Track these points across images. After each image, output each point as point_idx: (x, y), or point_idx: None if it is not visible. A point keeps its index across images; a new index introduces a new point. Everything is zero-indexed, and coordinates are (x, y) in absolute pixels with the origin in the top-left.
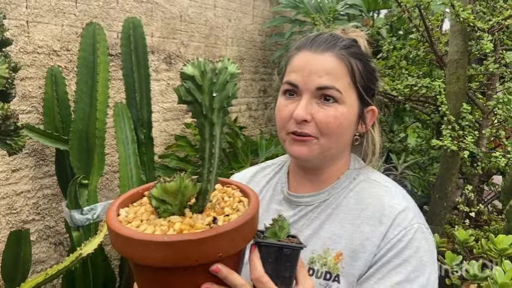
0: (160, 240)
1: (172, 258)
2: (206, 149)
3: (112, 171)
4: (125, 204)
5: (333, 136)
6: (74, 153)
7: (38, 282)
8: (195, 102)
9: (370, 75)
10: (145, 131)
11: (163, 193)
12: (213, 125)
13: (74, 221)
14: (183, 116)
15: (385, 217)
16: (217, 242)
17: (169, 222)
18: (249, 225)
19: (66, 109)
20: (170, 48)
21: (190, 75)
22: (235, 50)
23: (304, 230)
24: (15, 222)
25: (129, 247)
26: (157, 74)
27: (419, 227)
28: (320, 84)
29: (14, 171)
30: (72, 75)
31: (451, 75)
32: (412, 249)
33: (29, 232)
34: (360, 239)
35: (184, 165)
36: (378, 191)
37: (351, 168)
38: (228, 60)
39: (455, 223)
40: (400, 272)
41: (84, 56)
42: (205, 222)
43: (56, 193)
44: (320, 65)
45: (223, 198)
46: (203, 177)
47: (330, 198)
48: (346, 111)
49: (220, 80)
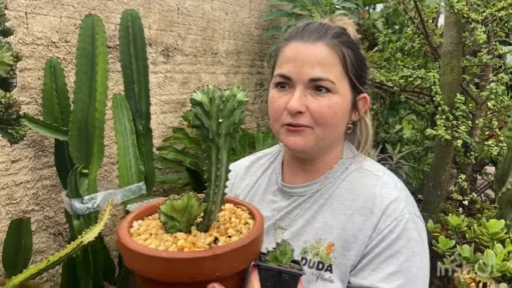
0: (159, 255)
1: (170, 273)
2: (212, 172)
3: (110, 163)
4: (141, 216)
5: (327, 126)
6: (74, 144)
7: (40, 268)
8: (202, 127)
9: (361, 63)
10: (144, 122)
11: (172, 210)
12: (219, 149)
13: (74, 209)
14: (180, 108)
15: (376, 207)
16: (214, 262)
17: (174, 238)
18: (247, 248)
19: (65, 100)
20: (168, 41)
21: (199, 101)
22: (232, 43)
23: (298, 219)
24: (15, 212)
25: (132, 259)
26: (154, 67)
27: (411, 217)
28: (313, 76)
29: (13, 162)
30: (70, 67)
31: (445, 66)
32: (404, 240)
33: (30, 221)
34: (352, 229)
35: (182, 157)
36: (369, 181)
37: (344, 157)
38: (236, 88)
39: (449, 211)
40: (393, 263)
41: (83, 46)
42: (207, 241)
43: (55, 184)
44: (312, 55)
45: (231, 218)
46: (209, 198)
47: (322, 188)
48: (340, 100)
49: (227, 107)
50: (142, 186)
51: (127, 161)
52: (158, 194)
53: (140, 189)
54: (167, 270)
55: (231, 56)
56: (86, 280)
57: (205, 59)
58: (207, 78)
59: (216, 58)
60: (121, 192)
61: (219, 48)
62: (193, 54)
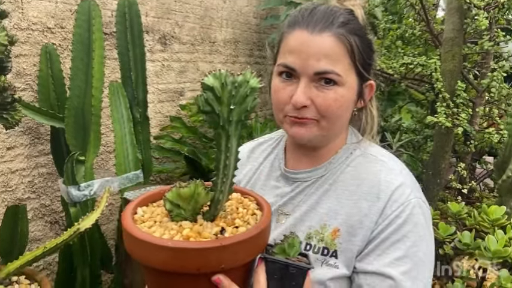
0: (164, 244)
1: (174, 263)
2: (221, 160)
3: (107, 152)
4: (145, 203)
5: (332, 118)
6: (70, 131)
7: (37, 255)
8: (213, 112)
9: (368, 49)
10: (141, 110)
11: (178, 197)
12: (229, 137)
13: (71, 197)
14: (178, 97)
15: (382, 193)
16: (220, 253)
17: (179, 227)
18: (255, 240)
19: (61, 87)
20: (165, 29)
21: (210, 86)
22: (230, 32)
23: (302, 205)
24: (10, 200)
25: (136, 247)
26: (152, 55)
27: (417, 202)
28: (319, 69)
29: (8, 149)
30: (66, 53)
31: (447, 53)
32: (411, 225)
33: (26, 208)
34: (357, 214)
35: (180, 147)
36: (374, 166)
37: (349, 142)
38: (249, 74)
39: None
40: (399, 248)
41: (79, 32)
42: (213, 231)
43: (51, 172)
44: (318, 48)
45: (238, 208)
46: (216, 187)
47: (327, 173)
48: (346, 92)
49: (240, 93)
50: (139, 174)
51: (124, 149)
52: (155, 183)
53: (137, 177)
54: (172, 260)
55: (228, 45)
56: (82, 268)
57: (203, 48)
58: (205, 68)
59: (214, 47)
60: (118, 180)
61: (216, 37)
62: (191, 43)
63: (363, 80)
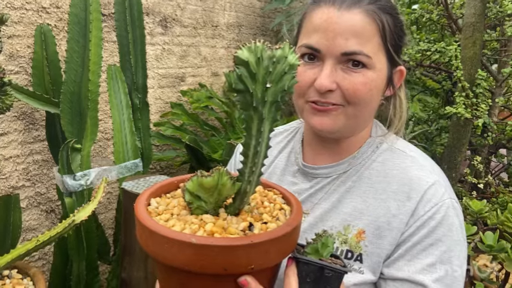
0: (187, 240)
1: (198, 262)
2: (251, 146)
3: (105, 138)
4: (158, 194)
5: (360, 104)
6: (66, 117)
7: (29, 248)
8: (246, 91)
9: (400, 31)
10: (141, 96)
11: (199, 188)
12: (262, 120)
13: (66, 186)
14: (179, 83)
15: (413, 191)
16: (250, 252)
17: (201, 221)
18: (287, 238)
19: (57, 70)
20: (166, 11)
21: (244, 60)
22: (233, 15)
23: (322, 203)
24: (4, 188)
25: (153, 242)
26: (152, 38)
27: (451, 203)
28: (347, 50)
29: (1, 135)
30: (62, 35)
31: (467, 40)
32: (445, 228)
33: (19, 197)
34: (385, 215)
35: (181, 134)
36: (403, 162)
37: (373, 135)
38: (289, 49)
39: (462, 195)
40: (432, 253)
41: (75, 12)
42: (240, 227)
43: (46, 159)
44: (346, 25)
45: (263, 202)
46: (244, 177)
47: (350, 169)
48: (376, 76)
49: (277, 70)
50: (138, 163)
51: (122, 136)
52: (155, 171)
53: (136, 166)
54: (195, 258)
55: (231, 29)
56: (78, 261)
57: (205, 32)
58: (207, 52)
59: (217, 31)
60: (116, 169)
61: (219, 21)
62: (193, 26)
63: (393, 65)
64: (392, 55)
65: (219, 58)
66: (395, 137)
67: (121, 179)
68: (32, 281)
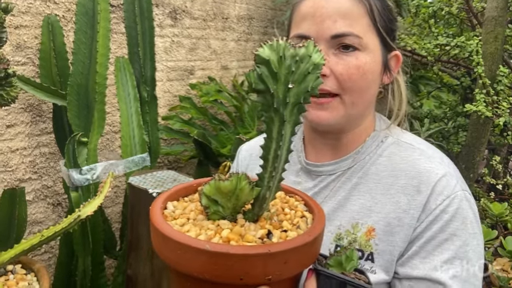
0: (201, 247)
1: (213, 270)
2: (271, 150)
3: (113, 132)
4: (175, 197)
5: (356, 90)
6: (72, 109)
7: (33, 244)
8: (266, 92)
9: (390, 14)
10: (149, 89)
11: (216, 192)
12: (284, 122)
13: (72, 180)
14: (188, 76)
15: (423, 184)
16: (268, 262)
17: (217, 227)
18: (308, 248)
19: (64, 62)
20: (175, 2)
21: (265, 59)
22: (244, 7)
23: (327, 202)
24: (10, 181)
25: (167, 248)
26: (161, 30)
27: (464, 194)
28: (335, 32)
29: (8, 127)
30: (70, 26)
31: (488, 34)
32: (459, 221)
33: (24, 191)
34: (395, 211)
35: (189, 128)
36: (411, 155)
37: (377, 129)
38: (313, 47)
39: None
40: (448, 249)
41: (83, 2)
42: (258, 234)
43: (53, 152)
44: (333, 8)
45: (284, 209)
46: (263, 182)
47: (354, 165)
48: (370, 58)
49: (300, 70)
50: (146, 157)
51: (130, 130)
52: (162, 165)
53: (144, 161)
54: (210, 266)
55: (242, 21)
56: (84, 257)
57: (215, 24)
58: (216, 45)
59: (227, 23)
60: (123, 164)
61: (230, 13)
62: (203, 18)
63: (388, 49)
64: (384, 38)
65: (229, 51)
66: (401, 130)
67: (128, 173)
68: (36, 277)
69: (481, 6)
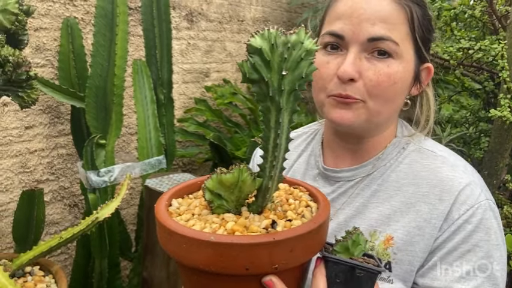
0: (206, 239)
1: (218, 262)
2: (270, 139)
3: (129, 133)
4: (180, 194)
5: (383, 98)
6: (91, 111)
7: (52, 246)
8: (261, 81)
9: (429, 25)
10: (166, 91)
11: (219, 186)
12: (280, 110)
13: (90, 182)
14: (203, 78)
15: (445, 193)
16: (273, 250)
17: (222, 220)
18: (314, 235)
19: (83, 64)
20: (192, 5)
21: (257, 48)
22: (259, 10)
23: (345, 208)
24: (28, 182)
25: (173, 243)
26: (177, 32)
27: (488, 204)
28: (373, 35)
29: (27, 128)
30: (89, 28)
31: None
32: (483, 232)
33: (43, 192)
34: (415, 220)
35: (204, 130)
36: (433, 162)
37: (399, 135)
38: (304, 34)
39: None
40: (470, 260)
41: (102, 5)
42: (262, 225)
43: (71, 153)
44: (373, 10)
45: (288, 200)
46: (264, 172)
47: (374, 171)
48: (402, 68)
49: (293, 57)
50: (162, 160)
51: (147, 132)
52: (177, 168)
53: (160, 163)
54: (215, 258)
55: (257, 24)
56: (100, 259)
57: (231, 27)
58: (232, 48)
59: (242, 26)
60: (139, 166)
61: (245, 15)
62: (219, 21)
63: (421, 60)
64: (420, 48)
65: (244, 54)
66: (423, 137)
67: (144, 175)
68: (54, 279)
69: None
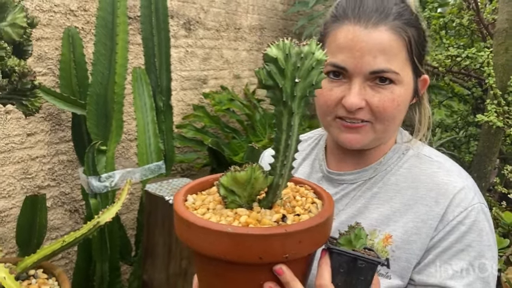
0: (223, 230)
1: (234, 251)
2: (282, 140)
3: (128, 140)
4: (194, 191)
5: (389, 120)
6: (91, 119)
7: (55, 249)
8: (275, 87)
9: (423, 40)
10: (164, 99)
11: (233, 182)
12: (292, 114)
13: (91, 187)
14: (201, 85)
15: (441, 196)
16: (284, 241)
17: (235, 214)
18: (320, 229)
19: (83, 72)
20: (190, 13)
21: (273, 57)
22: (255, 18)
23: (347, 209)
24: (30, 187)
25: (191, 233)
26: (175, 40)
27: (481, 207)
28: (375, 68)
29: (29, 135)
30: (89, 38)
31: (499, 46)
32: (475, 233)
33: (45, 198)
34: (413, 220)
35: (202, 136)
36: (430, 167)
37: (399, 141)
38: (315, 45)
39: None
40: (463, 259)
41: (102, 15)
42: (273, 218)
43: (71, 159)
44: (374, 43)
45: (295, 197)
46: (275, 171)
47: (376, 175)
48: (403, 91)
49: (305, 66)
50: (161, 165)
51: (146, 138)
52: (176, 173)
53: (159, 169)
54: (232, 247)
55: (254, 32)
56: (101, 262)
57: (228, 34)
58: (229, 55)
59: (239, 34)
60: (139, 171)
61: (242, 23)
62: (216, 29)
63: (418, 75)
64: (416, 66)
65: (241, 61)
66: (422, 144)
67: (144, 180)
68: (57, 281)
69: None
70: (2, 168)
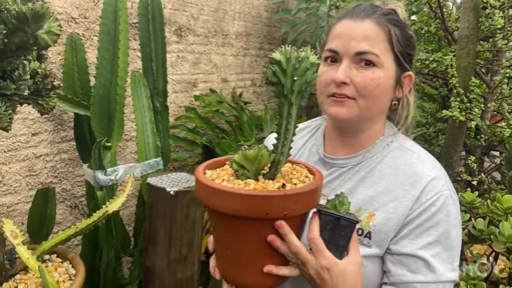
0: (237, 192)
1: (245, 208)
2: (282, 126)
3: (124, 140)
4: (210, 167)
5: (370, 97)
6: (95, 118)
7: (70, 234)
8: (279, 84)
9: (408, 42)
10: (161, 100)
11: (243, 159)
12: (291, 105)
13: (98, 181)
14: (191, 88)
15: (417, 183)
16: (284, 201)
17: (245, 184)
18: (311, 194)
19: (85, 76)
20: (181, 21)
21: (277, 60)
22: (242, 25)
23: (337, 189)
24: (34, 184)
25: (212, 196)
26: (168, 46)
27: (450, 193)
28: (359, 49)
29: (34, 135)
30: (89, 43)
31: (461, 50)
32: (443, 213)
33: (55, 191)
34: (392, 201)
35: (194, 136)
36: (409, 158)
37: (386, 134)
38: (310, 51)
39: (458, 191)
40: (432, 234)
41: (106, 23)
42: (276, 186)
43: (72, 158)
44: (359, 31)
45: (292, 172)
46: (277, 150)
47: (363, 161)
48: (383, 74)
49: (302, 67)
50: (159, 161)
51: (145, 137)
52: (170, 170)
53: (158, 164)
54: (244, 205)
55: (240, 38)
56: (108, 249)
57: (216, 40)
58: (217, 60)
59: (226, 39)
60: (140, 166)
61: (229, 30)
62: (205, 35)
63: (402, 69)
64: (399, 59)
65: (228, 65)
66: (405, 138)
67: (143, 175)
68: (71, 264)
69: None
70: (9, 166)
